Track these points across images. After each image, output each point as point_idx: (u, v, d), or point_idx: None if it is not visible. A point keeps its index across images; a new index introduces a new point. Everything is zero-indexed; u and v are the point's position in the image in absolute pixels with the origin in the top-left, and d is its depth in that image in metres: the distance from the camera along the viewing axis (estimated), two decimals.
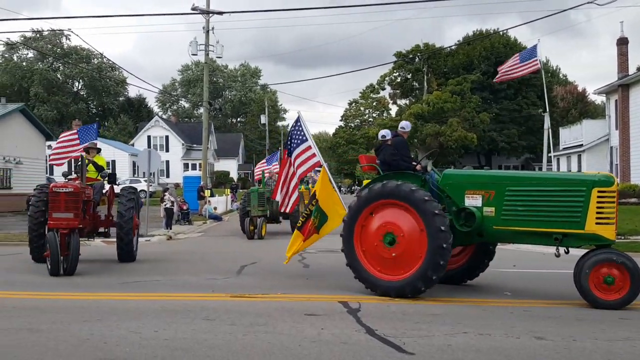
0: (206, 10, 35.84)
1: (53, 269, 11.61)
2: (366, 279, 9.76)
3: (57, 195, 12.05)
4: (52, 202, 12.03)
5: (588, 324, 7.76)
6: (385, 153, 10.77)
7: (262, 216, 21.45)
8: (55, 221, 11.95)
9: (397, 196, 9.51)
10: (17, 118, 38.05)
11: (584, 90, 76.84)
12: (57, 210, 11.97)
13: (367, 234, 9.83)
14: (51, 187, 12.30)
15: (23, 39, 76.89)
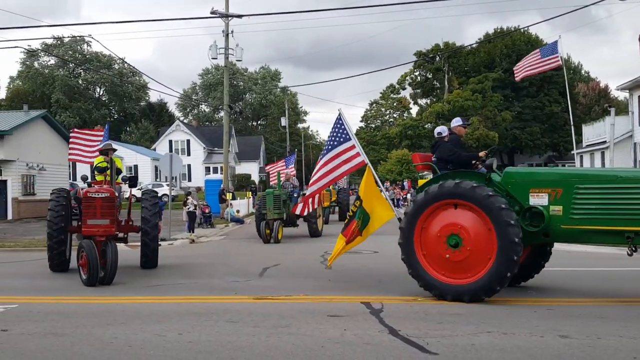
0: (225, 14, 35.97)
1: (91, 280, 10.90)
2: (432, 285, 9.19)
3: (92, 201, 11.43)
4: (86, 208, 11.46)
5: (612, 322, 7.68)
6: (442, 150, 10.46)
7: (279, 219, 20.73)
8: (90, 228, 11.35)
9: (460, 195, 9.10)
10: (39, 125, 38.53)
11: (607, 87, 76.03)
12: (92, 217, 11.37)
13: (429, 237, 9.33)
14: (84, 192, 11.69)
15: (44, 45, 77.83)
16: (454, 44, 64.36)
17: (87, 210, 11.47)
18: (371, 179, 10.78)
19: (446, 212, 9.28)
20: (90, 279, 10.92)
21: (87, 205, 11.50)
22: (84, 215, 11.53)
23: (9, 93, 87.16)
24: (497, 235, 8.76)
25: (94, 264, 10.85)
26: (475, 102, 57.43)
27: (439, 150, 10.56)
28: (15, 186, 35.36)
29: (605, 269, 13.20)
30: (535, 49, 63.28)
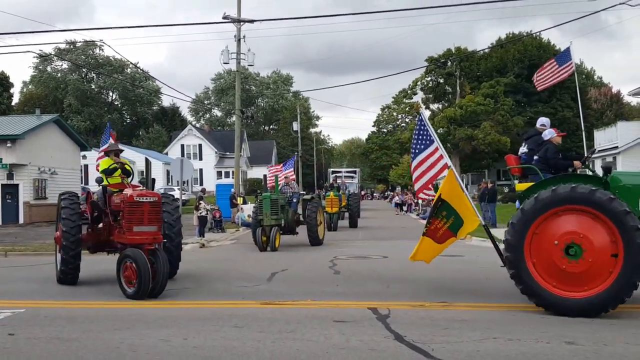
0: (237, 19, 36.08)
1: (141, 293, 9.95)
2: (538, 295, 8.50)
3: (140, 206, 10.50)
4: (131, 213, 10.47)
5: (619, 328, 7.62)
6: (549, 151, 9.95)
7: (276, 225, 19.25)
8: (137, 236, 10.41)
9: (578, 200, 8.35)
10: (51, 129, 38.79)
11: (619, 92, 75.59)
12: (139, 223, 10.43)
13: (541, 245, 8.54)
14: (131, 196, 10.65)
15: (57, 50, 78.47)
16: (466, 49, 64.25)
17: (133, 216, 10.48)
18: (455, 182, 10.38)
19: (561, 219, 8.53)
20: (140, 292, 9.94)
21: (132, 210, 10.50)
22: (128, 222, 10.48)
23: (21, 97, 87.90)
24: (623, 241, 8.09)
25: (146, 275, 9.88)
26: (487, 107, 57.22)
27: (546, 151, 9.97)
28: (26, 190, 35.58)
29: None
30: (548, 54, 63.16)
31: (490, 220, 27.75)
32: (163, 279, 10.26)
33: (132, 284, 10.06)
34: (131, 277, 10.05)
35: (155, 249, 10.45)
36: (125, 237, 10.58)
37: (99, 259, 17.67)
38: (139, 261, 9.95)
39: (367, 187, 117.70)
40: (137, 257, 10.03)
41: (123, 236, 10.70)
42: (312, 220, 20.32)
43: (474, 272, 13.53)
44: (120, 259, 10.42)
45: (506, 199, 46.41)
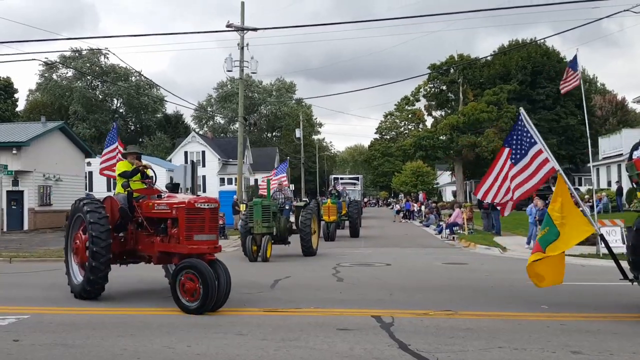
0: (241, 27, 36.17)
1: (206, 307, 9.24)
2: None
3: (201, 213, 9.86)
4: (191, 221, 9.77)
5: (626, 338, 7.56)
6: None
7: (267, 234, 18.15)
8: (198, 245, 9.74)
9: None
10: (56, 136, 38.89)
11: (624, 99, 75.58)
12: (199, 232, 9.77)
13: None
14: (191, 201, 9.98)
15: (62, 58, 78.68)
16: (469, 56, 64.23)
17: (193, 224, 9.78)
18: (565, 188, 9.70)
19: None
20: (205, 306, 9.22)
21: (192, 217, 9.79)
22: (187, 230, 9.76)
23: (27, 105, 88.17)
24: None
25: (213, 287, 9.20)
26: (490, 114, 57.18)
27: None
28: (31, 197, 35.65)
29: (622, 284, 13.01)
30: (552, 61, 62.80)
31: (495, 227, 27.69)
32: (227, 291, 9.61)
33: (194, 297, 9.26)
34: (193, 290, 9.26)
35: (216, 259, 9.83)
36: (183, 247, 9.78)
37: None
38: (204, 272, 9.20)
39: (370, 194, 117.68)
40: (201, 268, 9.27)
41: (179, 246, 9.90)
42: (305, 229, 19.16)
43: (479, 280, 13.49)
44: (178, 270, 9.53)
45: None
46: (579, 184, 64.34)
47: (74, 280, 11.12)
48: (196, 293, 9.23)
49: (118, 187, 11.48)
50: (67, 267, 11.41)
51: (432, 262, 17.61)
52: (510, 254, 20.56)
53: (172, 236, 10.12)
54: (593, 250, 18.92)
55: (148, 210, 10.70)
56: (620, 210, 35.03)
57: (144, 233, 10.85)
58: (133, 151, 12.17)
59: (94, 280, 10.48)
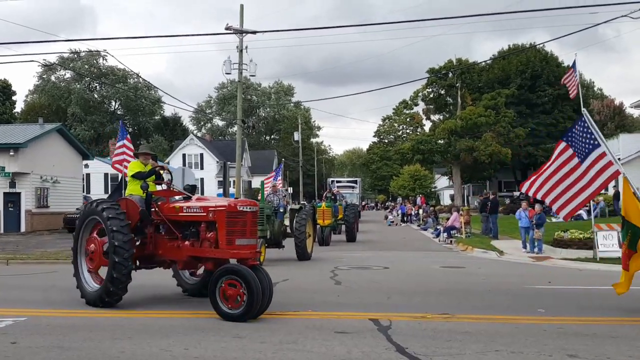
0: (240, 30, 36.15)
1: (250, 314, 8.86)
2: None
3: (243, 216, 9.43)
4: (232, 224, 9.34)
5: (623, 341, 7.58)
6: None
7: (261, 237, 16.99)
8: (240, 250, 9.32)
9: None
10: (54, 138, 38.86)
11: (621, 104, 75.67)
12: (241, 236, 9.38)
13: None
14: (233, 204, 9.53)
15: (60, 59, 78.65)
16: (467, 60, 64.33)
17: (234, 228, 9.36)
18: (630, 191, 9.54)
19: None
20: (250, 313, 8.86)
21: (234, 221, 9.36)
22: (229, 234, 9.33)
23: (25, 106, 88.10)
24: None
25: (258, 294, 8.82)
26: (488, 118, 57.26)
27: None
28: (28, 198, 35.61)
29: None
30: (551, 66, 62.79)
31: (492, 231, 27.72)
32: (270, 297, 9.26)
33: (237, 303, 8.88)
34: (236, 297, 8.87)
35: (258, 265, 9.49)
36: (224, 252, 9.38)
37: None
38: (249, 279, 8.79)
39: (368, 197, 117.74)
40: (245, 274, 8.86)
41: (218, 251, 9.48)
42: (300, 234, 18.93)
43: (476, 283, 13.51)
44: (218, 276, 9.05)
45: (507, 211, 46.38)
46: None
47: (86, 286, 10.58)
48: (239, 300, 8.86)
49: (130, 188, 10.99)
50: (76, 271, 10.82)
51: (429, 266, 17.62)
52: (507, 258, 20.59)
53: (207, 240, 9.69)
54: (590, 254, 18.96)
55: (173, 212, 10.25)
56: (618, 214, 35.08)
57: (165, 237, 10.42)
58: (145, 151, 11.72)
59: (114, 291, 9.99)
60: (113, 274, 9.82)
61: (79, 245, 10.90)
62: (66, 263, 18.72)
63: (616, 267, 16.79)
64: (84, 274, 10.70)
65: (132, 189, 10.95)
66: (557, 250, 21.16)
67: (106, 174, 59.34)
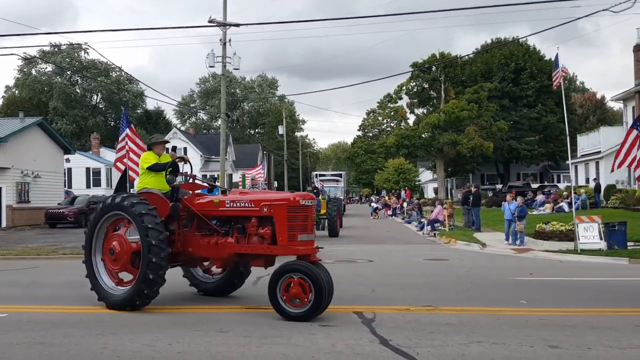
0: (223, 23, 35.97)
1: (317, 312, 8.53)
2: None
3: (305, 210, 8.98)
4: (293, 219, 8.84)
5: (603, 332, 7.67)
6: None
7: None
8: (302, 246, 8.87)
9: None
10: (35, 132, 38.51)
11: (603, 97, 76.38)
12: (303, 231, 8.93)
13: None
14: (294, 198, 9.03)
15: (41, 53, 77.86)
16: (450, 54, 64.53)
17: (296, 223, 8.86)
18: None
19: None
20: (315, 311, 8.49)
21: (296, 216, 8.88)
22: (291, 229, 8.83)
23: (5, 100, 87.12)
24: None
25: (324, 292, 8.46)
26: (470, 112, 57.49)
27: None
28: (9, 193, 35.28)
29: (600, 279, 13.21)
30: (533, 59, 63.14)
31: (475, 224, 27.88)
32: (331, 294, 8.83)
33: (300, 302, 8.52)
34: (299, 295, 8.49)
35: (319, 261, 8.99)
36: (286, 249, 8.90)
37: (77, 263, 17.56)
38: (316, 277, 8.44)
39: (353, 190, 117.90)
40: (311, 272, 8.49)
41: (277, 247, 8.98)
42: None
43: (459, 275, 13.59)
44: (280, 274, 8.66)
45: (490, 203, 46.66)
46: (558, 180, 64.94)
47: (105, 287, 9.71)
48: (304, 299, 8.50)
49: (144, 181, 10.25)
50: (90, 271, 9.90)
51: (413, 259, 17.70)
52: (489, 250, 20.73)
53: (259, 236, 9.13)
54: (571, 246, 19.14)
55: (210, 207, 9.65)
56: (598, 206, 35.43)
57: (195, 233, 9.75)
58: (161, 140, 10.93)
59: (148, 294, 9.20)
60: (149, 275, 9.03)
61: (93, 243, 9.98)
62: (48, 259, 18.65)
63: (597, 258, 17.03)
64: (101, 274, 9.83)
65: (146, 182, 10.20)
66: (538, 242, 21.33)
67: (88, 169, 58.94)
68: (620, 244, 18.26)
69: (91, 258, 9.94)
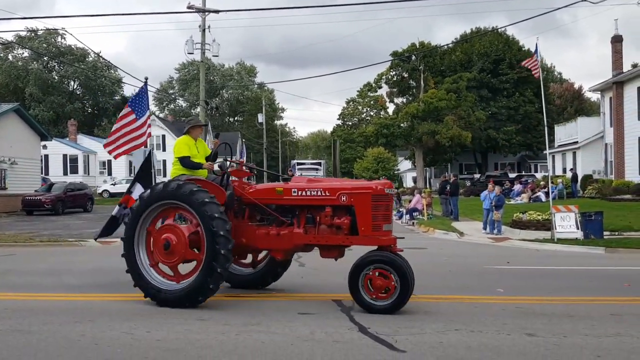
0: (202, 9, 35.77)
1: (402, 304, 8.25)
2: None
3: (388, 200, 8.73)
4: (377, 208, 8.53)
5: (580, 320, 7.78)
6: None
7: None
8: (386, 236, 8.65)
9: None
10: (11, 118, 38.00)
11: (580, 88, 77.05)
12: (386, 221, 8.70)
13: None
14: (378, 187, 8.68)
15: (18, 38, 76.74)
16: (429, 43, 64.68)
17: (379, 212, 8.56)
18: None
19: None
20: (400, 304, 8.21)
21: (380, 205, 8.56)
22: (375, 219, 8.52)
23: None
24: None
25: (411, 284, 8.24)
26: (449, 102, 57.76)
27: None
28: None
29: (577, 268, 13.39)
30: (512, 50, 63.38)
31: (453, 213, 28.09)
32: (413, 286, 8.39)
33: (384, 294, 8.23)
34: (384, 287, 8.22)
35: (399, 251, 8.69)
36: (371, 239, 8.58)
37: (55, 250, 17.44)
38: (403, 268, 8.21)
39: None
40: (396, 262, 8.27)
41: (360, 238, 8.67)
42: None
43: (437, 264, 13.70)
44: (363, 265, 8.41)
45: (468, 193, 47.02)
46: (535, 170, 65.59)
47: (154, 283, 8.91)
48: (388, 290, 8.21)
49: (174, 170, 9.60)
50: (133, 265, 9.06)
51: None
52: (467, 239, 20.92)
53: (334, 226, 8.74)
54: (548, 235, 19.36)
55: (272, 196, 9.10)
56: (575, 196, 35.86)
57: (249, 223, 9.25)
58: (199, 124, 10.33)
59: (214, 288, 8.59)
60: (216, 268, 8.40)
61: (137, 234, 9.12)
62: (24, 246, 18.49)
63: (573, 247, 17.25)
64: (147, 268, 9.05)
65: (178, 169, 9.59)
66: (515, 231, 21.56)
67: (65, 155, 58.42)
68: (596, 234, 18.51)
69: (134, 251, 9.09)
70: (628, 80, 37.08)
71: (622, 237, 19.06)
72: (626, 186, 33.04)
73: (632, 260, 14.95)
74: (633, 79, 36.40)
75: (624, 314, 8.17)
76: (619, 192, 32.40)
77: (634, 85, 36.29)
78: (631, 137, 36.42)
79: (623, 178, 35.91)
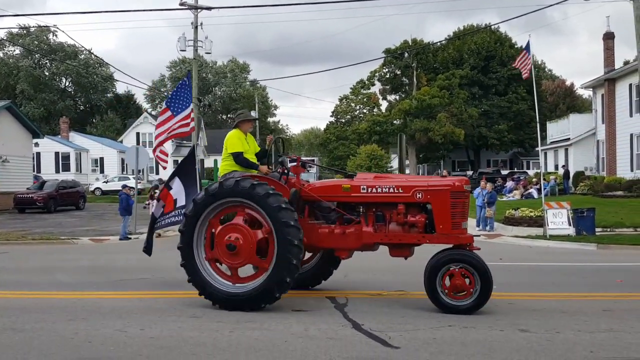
0: (194, 6, 35.65)
1: (481, 305, 8.03)
2: None
3: (466, 197, 8.51)
4: (456, 206, 8.29)
5: (572, 316, 7.83)
6: None
7: None
8: (462, 234, 8.39)
9: None
10: (3, 116, 37.75)
11: (572, 85, 77.29)
12: (464, 218, 8.46)
13: None
14: (457, 183, 8.44)
15: (9, 35, 76.39)
16: (422, 40, 64.74)
17: (457, 210, 8.31)
18: None
19: None
20: (480, 304, 8.00)
21: (458, 202, 8.33)
22: (453, 217, 8.27)
23: None
24: None
25: (491, 284, 8.02)
26: (442, 99, 57.81)
27: None
28: None
29: (569, 264, 13.44)
30: (504, 47, 63.36)
31: None
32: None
33: (462, 294, 8.03)
34: (462, 287, 8.02)
35: (477, 249, 8.40)
36: (450, 237, 8.34)
37: (47, 248, 17.40)
38: (482, 266, 8.01)
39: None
40: (476, 260, 8.04)
41: (438, 236, 8.43)
42: None
43: None
44: (440, 264, 8.20)
45: None
46: (527, 167, 65.73)
47: (214, 284, 8.54)
48: (470, 290, 8.00)
49: (225, 166, 9.26)
50: (192, 265, 8.66)
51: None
52: None
53: (410, 225, 8.45)
54: (540, 231, 19.43)
55: (338, 193, 8.74)
56: (567, 192, 35.98)
57: (310, 221, 8.86)
58: (250, 118, 9.94)
59: (290, 282, 8.20)
60: (292, 261, 8.07)
61: (196, 233, 8.68)
62: (17, 244, 18.42)
63: (565, 244, 17.32)
64: (208, 269, 8.65)
65: (227, 166, 9.25)
66: (508, 228, 21.61)
67: (57, 153, 58.13)
68: (588, 230, 18.60)
69: (193, 251, 8.68)
70: (620, 77, 37.20)
71: (614, 233, 19.16)
72: (618, 182, 33.17)
73: (624, 256, 15.04)
74: (625, 76, 36.51)
75: (616, 310, 8.23)
76: (610, 188, 32.53)
77: (625, 82, 36.41)
78: (623, 134, 36.56)
79: (615, 174, 36.05)
